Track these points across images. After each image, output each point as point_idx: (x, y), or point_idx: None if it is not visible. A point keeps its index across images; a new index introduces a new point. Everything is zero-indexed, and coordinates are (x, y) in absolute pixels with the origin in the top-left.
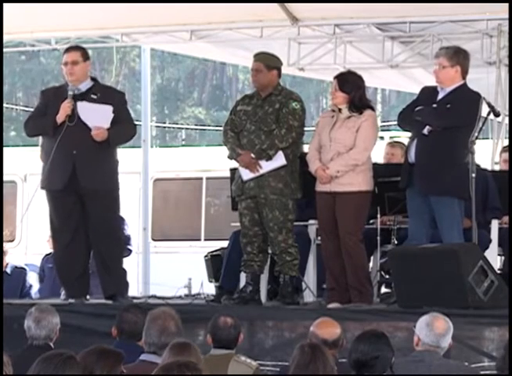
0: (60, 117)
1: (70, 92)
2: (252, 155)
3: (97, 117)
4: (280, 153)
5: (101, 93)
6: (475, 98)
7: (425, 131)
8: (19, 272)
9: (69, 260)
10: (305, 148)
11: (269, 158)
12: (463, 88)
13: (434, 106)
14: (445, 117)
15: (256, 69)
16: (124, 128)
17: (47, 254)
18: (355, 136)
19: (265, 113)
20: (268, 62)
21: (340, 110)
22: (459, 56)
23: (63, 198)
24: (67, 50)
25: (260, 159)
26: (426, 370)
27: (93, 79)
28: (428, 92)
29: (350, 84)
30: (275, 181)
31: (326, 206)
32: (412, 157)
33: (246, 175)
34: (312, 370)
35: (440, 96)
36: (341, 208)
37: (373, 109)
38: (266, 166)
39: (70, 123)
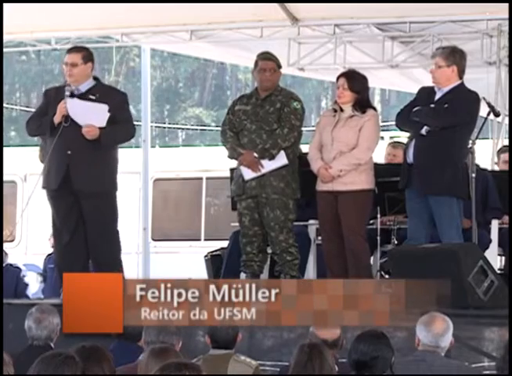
0: (57, 118)
1: (67, 93)
2: (255, 154)
3: (91, 115)
4: (282, 153)
5: (100, 93)
6: (473, 97)
7: (423, 131)
8: (13, 270)
9: (68, 259)
10: (303, 148)
11: (272, 157)
12: (461, 87)
13: (432, 106)
14: (442, 117)
15: (271, 68)
16: (119, 129)
17: (49, 254)
18: (357, 135)
19: (265, 112)
20: (278, 62)
21: (341, 109)
22: (455, 56)
23: (61, 198)
24: (69, 51)
25: (263, 158)
26: (427, 370)
27: (95, 79)
28: (426, 93)
29: (359, 83)
30: (277, 180)
31: (327, 205)
32: (410, 157)
33: (247, 174)
34: (309, 369)
35: (437, 96)
36: (345, 207)
37: (375, 109)
38: (268, 166)
39: (66, 123)
